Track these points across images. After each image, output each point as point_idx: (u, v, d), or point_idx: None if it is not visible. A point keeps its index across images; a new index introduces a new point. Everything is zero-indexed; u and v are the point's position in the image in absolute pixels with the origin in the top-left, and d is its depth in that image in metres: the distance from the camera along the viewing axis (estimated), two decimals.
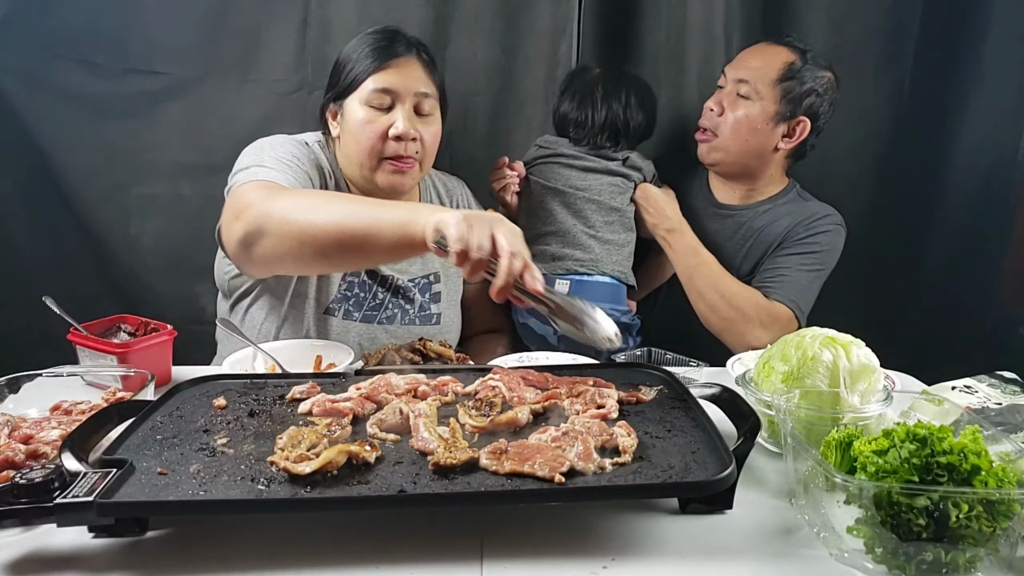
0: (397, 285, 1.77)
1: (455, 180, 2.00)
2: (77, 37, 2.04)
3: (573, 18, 2.16)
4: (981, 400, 1.31)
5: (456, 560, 0.89)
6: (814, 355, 1.15)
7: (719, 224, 2.01)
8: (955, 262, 2.25)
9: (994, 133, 2.12)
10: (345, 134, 1.66)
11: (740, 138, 1.91)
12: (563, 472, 0.93)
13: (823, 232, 1.93)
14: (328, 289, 1.71)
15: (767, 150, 1.93)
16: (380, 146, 1.61)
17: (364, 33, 1.70)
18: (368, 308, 1.74)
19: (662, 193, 2.00)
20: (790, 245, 1.93)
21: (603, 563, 0.89)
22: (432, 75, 1.67)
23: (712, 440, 1.03)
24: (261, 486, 0.91)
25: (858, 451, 0.94)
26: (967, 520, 0.83)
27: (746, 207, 2.01)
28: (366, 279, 1.74)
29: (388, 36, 1.65)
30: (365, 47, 1.64)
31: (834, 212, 1.98)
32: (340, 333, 1.70)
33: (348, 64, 1.65)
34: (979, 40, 2.13)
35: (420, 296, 1.81)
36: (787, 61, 1.87)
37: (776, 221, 1.96)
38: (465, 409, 1.12)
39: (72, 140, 2.09)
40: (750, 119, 1.89)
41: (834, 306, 2.03)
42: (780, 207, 1.98)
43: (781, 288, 1.87)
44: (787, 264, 1.91)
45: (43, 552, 0.90)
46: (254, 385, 1.26)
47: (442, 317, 1.83)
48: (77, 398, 1.25)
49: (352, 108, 1.63)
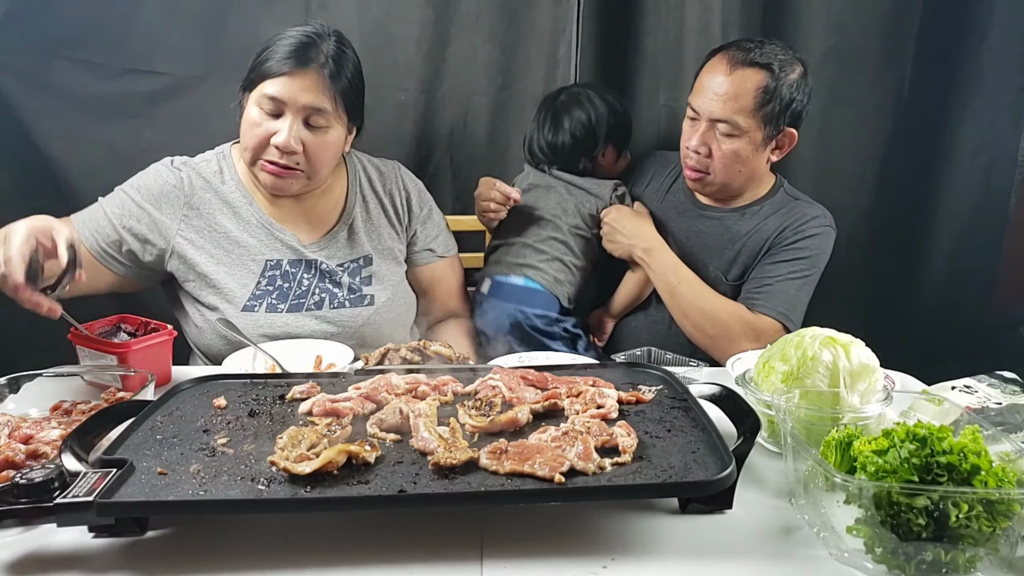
0: (323, 270, 1.75)
1: (391, 164, 1.95)
2: (77, 37, 2.04)
3: (573, 18, 2.16)
4: (981, 400, 1.31)
5: (456, 560, 0.89)
6: (814, 355, 1.15)
7: (705, 225, 1.96)
8: (955, 262, 2.25)
9: (994, 133, 2.12)
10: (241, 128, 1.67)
11: (734, 171, 1.84)
12: (563, 472, 0.93)
13: (811, 236, 1.86)
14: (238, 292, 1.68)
15: (759, 170, 1.89)
16: (261, 149, 1.63)
17: (287, 29, 1.67)
18: (295, 297, 1.72)
19: (633, 213, 1.97)
20: (777, 252, 1.87)
21: (603, 563, 0.89)
22: (332, 90, 1.63)
23: (712, 440, 1.03)
24: (261, 486, 0.91)
25: (858, 451, 0.94)
26: (967, 520, 0.83)
27: (732, 209, 1.95)
28: (289, 268, 1.73)
29: (301, 43, 1.62)
30: (277, 46, 1.62)
31: (823, 213, 1.91)
32: (265, 326, 1.67)
33: (260, 58, 1.64)
34: (979, 40, 2.14)
35: (349, 279, 1.78)
36: (759, 87, 1.76)
37: (763, 223, 1.90)
38: (465, 409, 1.12)
39: (72, 140, 2.09)
40: (740, 155, 1.81)
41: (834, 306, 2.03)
42: (767, 207, 1.92)
43: (768, 300, 1.83)
44: (774, 273, 1.86)
45: (43, 552, 0.90)
46: (254, 385, 1.27)
47: (376, 298, 1.79)
48: (77, 398, 1.25)
49: (248, 104, 1.64)
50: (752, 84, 1.76)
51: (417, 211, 1.91)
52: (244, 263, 1.70)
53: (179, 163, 1.74)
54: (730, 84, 1.76)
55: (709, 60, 1.85)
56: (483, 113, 2.26)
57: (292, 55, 1.60)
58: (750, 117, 1.77)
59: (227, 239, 1.70)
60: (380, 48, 2.17)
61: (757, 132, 1.79)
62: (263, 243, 1.72)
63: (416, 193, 1.93)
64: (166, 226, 1.66)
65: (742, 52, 1.78)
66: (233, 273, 1.69)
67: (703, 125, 1.81)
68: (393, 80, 2.20)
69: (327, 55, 1.63)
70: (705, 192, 1.95)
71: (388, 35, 2.17)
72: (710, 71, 1.82)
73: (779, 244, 1.88)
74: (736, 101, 1.76)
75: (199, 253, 1.67)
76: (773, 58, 1.77)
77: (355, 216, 1.82)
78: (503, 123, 2.28)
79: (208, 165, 1.75)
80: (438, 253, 1.95)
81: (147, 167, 1.74)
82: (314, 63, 1.61)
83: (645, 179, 2.11)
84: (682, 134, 1.91)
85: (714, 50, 1.87)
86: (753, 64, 1.76)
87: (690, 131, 1.86)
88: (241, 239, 1.70)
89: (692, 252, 1.94)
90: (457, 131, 2.28)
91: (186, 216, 1.68)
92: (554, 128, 2.02)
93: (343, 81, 1.65)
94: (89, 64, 2.06)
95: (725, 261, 1.93)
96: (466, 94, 2.24)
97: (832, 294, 2.02)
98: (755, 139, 1.80)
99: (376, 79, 2.21)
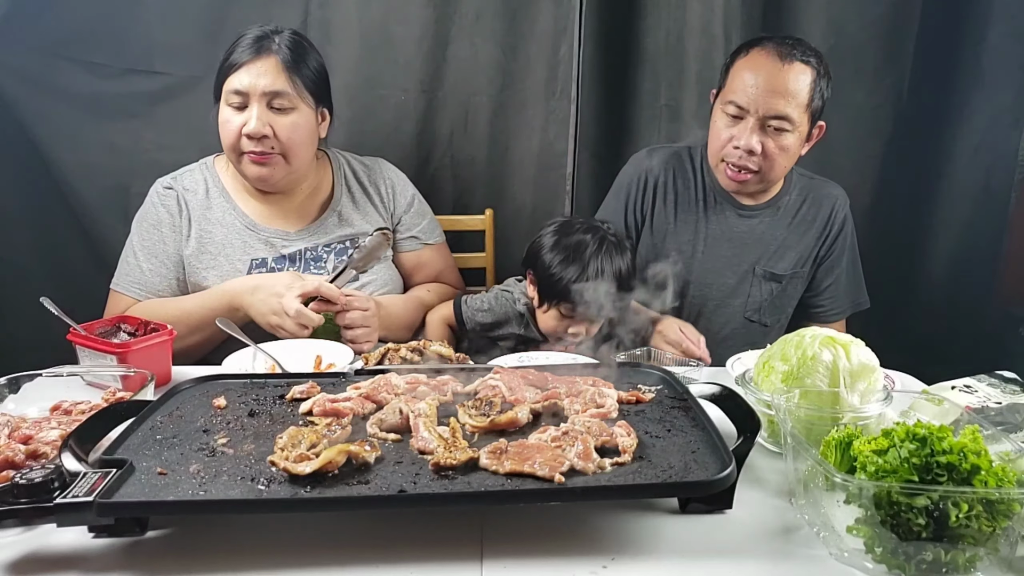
0: (307, 259, 1.84)
1: (374, 159, 2.02)
2: (77, 37, 2.04)
3: (574, 19, 2.16)
4: (981, 400, 1.31)
5: (456, 560, 0.89)
6: (814, 355, 1.15)
7: (746, 225, 1.96)
8: (955, 262, 2.25)
9: (994, 133, 2.12)
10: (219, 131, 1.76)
11: (781, 168, 1.84)
12: (563, 472, 0.93)
13: (845, 218, 1.99)
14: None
15: (793, 163, 1.89)
16: (238, 143, 1.72)
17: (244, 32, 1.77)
18: None
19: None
20: (827, 255, 1.99)
21: (603, 563, 0.89)
22: (289, 71, 1.72)
23: (712, 440, 1.03)
24: (261, 486, 0.91)
25: (858, 451, 0.94)
26: (967, 520, 0.83)
27: (767, 204, 1.96)
28: (275, 266, 1.81)
29: (255, 36, 1.73)
30: (235, 46, 1.73)
31: (836, 185, 2.03)
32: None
33: (223, 63, 1.74)
34: (979, 40, 2.13)
35: (336, 258, 1.86)
36: (812, 80, 1.76)
37: (798, 211, 1.97)
38: (465, 409, 1.12)
39: (72, 140, 2.09)
40: (792, 152, 1.82)
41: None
42: (795, 194, 1.98)
43: (835, 304, 2.00)
44: (831, 278, 2.00)
45: (43, 552, 0.90)
46: (254, 385, 1.26)
47: (361, 276, 1.84)
48: (77, 398, 1.25)
49: (220, 108, 1.75)
50: (807, 78, 1.76)
51: (401, 200, 1.99)
52: (232, 263, 1.78)
53: (168, 182, 1.84)
54: (787, 78, 1.74)
55: (744, 56, 1.81)
56: (483, 113, 2.26)
57: (248, 47, 1.71)
58: (804, 111, 1.78)
59: (213, 243, 1.79)
60: (380, 48, 2.17)
61: (805, 126, 1.81)
62: (247, 244, 1.80)
63: (401, 183, 2.01)
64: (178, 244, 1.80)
65: (787, 48, 1.77)
66: (222, 276, 1.77)
67: (752, 122, 1.77)
68: (393, 80, 2.21)
69: (280, 43, 1.73)
70: (747, 191, 1.93)
71: (388, 35, 2.17)
72: (753, 67, 1.77)
73: (827, 245, 1.99)
74: (795, 96, 1.75)
75: (193, 259, 1.78)
76: (812, 53, 1.79)
77: (342, 204, 1.90)
78: (503, 123, 2.28)
79: (191, 175, 1.85)
80: (423, 240, 2.02)
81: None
82: (267, 51, 1.71)
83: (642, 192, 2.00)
84: (714, 134, 1.87)
85: (743, 46, 1.84)
86: (802, 59, 1.76)
87: (734, 130, 1.81)
88: (227, 241, 1.79)
89: (735, 253, 1.95)
90: (457, 131, 2.28)
91: (182, 229, 1.81)
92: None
93: (300, 64, 1.74)
94: (89, 64, 2.07)
95: (772, 256, 1.96)
96: (466, 94, 2.24)
97: None
98: (803, 133, 1.82)
99: (376, 79, 2.22)
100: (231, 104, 1.71)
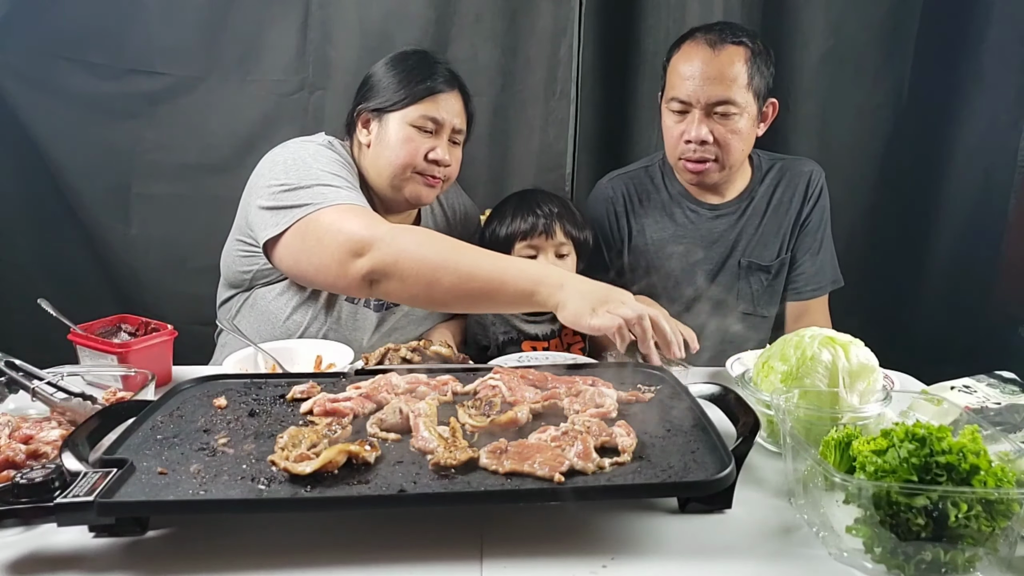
0: None
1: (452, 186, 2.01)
2: (77, 37, 2.04)
3: (574, 19, 2.17)
4: (980, 400, 1.31)
5: (456, 560, 0.89)
6: (813, 355, 1.15)
7: (723, 223, 1.97)
8: (955, 262, 2.25)
9: (994, 133, 2.12)
10: (380, 145, 1.73)
11: (739, 152, 1.85)
12: (563, 472, 0.93)
13: (822, 189, 1.97)
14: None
15: (751, 147, 1.90)
16: (416, 164, 1.71)
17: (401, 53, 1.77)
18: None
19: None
20: (805, 224, 1.96)
21: (603, 562, 0.89)
22: (467, 109, 1.80)
23: (711, 440, 1.03)
24: (261, 486, 0.91)
25: (857, 451, 0.94)
26: (966, 520, 0.83)
27: (737, 200, 1.96)
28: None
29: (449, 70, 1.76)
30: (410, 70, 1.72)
31: (809, 161, 2.00)
32: (348, 317, 1.75)
33: (391, 82, 1.72)
34: (979, 40, 2.13)
35: None
36: (746, 60, 1.77)
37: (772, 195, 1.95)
38: (465, 409, 1.12)
39: (72, 140, 2.10)
40: (745, 134, 1.82)
41: (834, 306, 2.04)
42: (768, 181, 1.97)
43: (814, 280, 1.97)
44: (809, 250, 1.96)
45: (43, 552, 0.90)
46: (254, 385, 1.27)
47: None
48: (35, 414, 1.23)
49: (395, 124, 1.70)
50: (740, 59, 1.77)
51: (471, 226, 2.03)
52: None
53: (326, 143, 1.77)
54: (721, 63, 1.76)
55: (678, 51, 1.84)
56: (483, 113, 2.26)
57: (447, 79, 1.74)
58: (747, 92, 1.78)
59: None
60: (380, 48, 2.17)
61: (753, 107, 1.81)
62: None
63: (472, 210, 2.07)
64: None
65: (715, 34, 1.79)
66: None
67: (698, 113, 1.80)
68: None
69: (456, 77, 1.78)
70: (708, 184, 1.94)
71: (388, 35, 2.17)
72: (687, 59, 1.80)
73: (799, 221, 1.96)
74: (734, 79, 1.76)
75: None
76: (744, 33, 1.80)
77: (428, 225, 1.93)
78: (503, 123, 2.28)
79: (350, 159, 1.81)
80: None
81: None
82: (455, 84, 1.76)
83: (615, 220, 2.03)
84: (667, 134, 1.89)
85: (676, 42, 1.87)
86: (734, 42, 1.78)
87: (682, 125, 1.83)
88: None
89: (718, 252, 1.96)
90: None
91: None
92: None
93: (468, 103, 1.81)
94: (89, 64, 2.07)
95: (755, 247, 1.96)
96: None
97: (832, 293, 2.02)
98: (752, 114, 1.82)
99: None
100: (417, 126, 1.69)
